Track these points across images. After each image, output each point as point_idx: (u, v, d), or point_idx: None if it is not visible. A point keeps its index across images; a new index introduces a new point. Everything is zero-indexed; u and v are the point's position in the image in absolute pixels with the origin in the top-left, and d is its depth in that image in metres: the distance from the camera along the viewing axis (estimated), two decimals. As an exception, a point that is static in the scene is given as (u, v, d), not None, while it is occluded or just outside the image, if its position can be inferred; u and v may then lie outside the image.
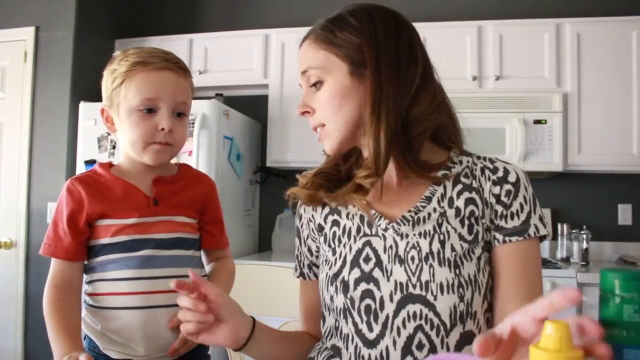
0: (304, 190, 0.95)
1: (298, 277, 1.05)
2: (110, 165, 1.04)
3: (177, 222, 1.02)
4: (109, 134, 2.74)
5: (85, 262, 1.00)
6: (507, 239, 0.85)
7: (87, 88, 2.99)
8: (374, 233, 0.89)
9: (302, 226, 1.03)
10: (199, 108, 2.64)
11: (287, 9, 3.32)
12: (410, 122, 0.85)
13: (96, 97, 2.92)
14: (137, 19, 3.48)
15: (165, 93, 0.96)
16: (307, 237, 1.02)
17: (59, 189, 2.99)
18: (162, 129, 0.96)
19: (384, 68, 0.84)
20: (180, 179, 1.06)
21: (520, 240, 0.85)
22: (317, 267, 1.01)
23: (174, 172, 1.08)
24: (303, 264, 1.03)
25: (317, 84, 0.87)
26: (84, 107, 2.81)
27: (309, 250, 1.02)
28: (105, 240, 0.97)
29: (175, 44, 3.18)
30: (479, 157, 0.93)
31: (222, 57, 3.12)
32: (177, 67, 0.99)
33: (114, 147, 2.73)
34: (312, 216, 1.00)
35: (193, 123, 2.60)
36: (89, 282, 1.00)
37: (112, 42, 3.28)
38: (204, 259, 1.12)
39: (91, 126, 2.77)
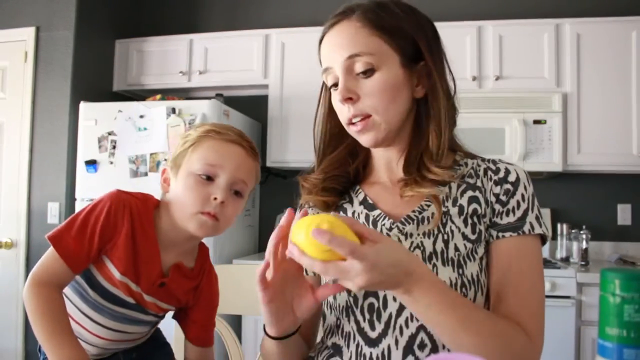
0: (319, 197, 0.94)
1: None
2: (156, 206, 0.98)
3: (162, 308, 1.00)
4: (109, 134, 2.74)
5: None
6: (500, 234, 0.85)
7: (88, 88, 2.99)
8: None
9: None
10: (199, 108, 2.64)
11: (287, 9, 3.33)
12: None
13: (96, 97, 2.94)
14: (137, 19, 3.48)
15: (227, 163, 0.92)
16: None
17: (59, 189, 2.99)
18: (215, 199, 0.91)
19: (438, 65, 0.87)
20: (195, 277, 1.02)
21: (514, 236, 0.84)
22: None
23: (193, 258, 1.02)
24: None
25: (368, 72, 0.83)
26: (84, 107, 2.81)
27: None
28: (102, 281, 0.94)
29: (175, 44, 3.19)
30: (483, 159, 0.93)
31: (222, 57, 3.12)
32: (248, 145, 0.96)
33: (114, 147, 2.73)
34: (318, 213, 0.99)
35: (193, 123, 2.60)
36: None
37: (112, 42, 3.28)
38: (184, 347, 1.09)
39: (91, 126, 2.77)
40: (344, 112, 0.87)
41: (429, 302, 0.72)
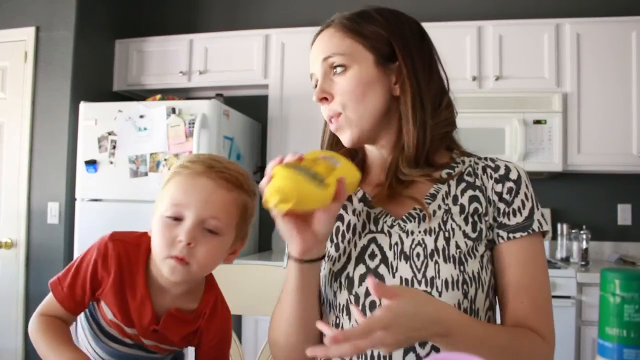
0: None
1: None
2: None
3: (163, 348, 0.95)
4: (109, 134, 2.74)
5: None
6: (511, 235, 0.86)
7: (88, 88, 2.99)
8: (379, 230, 0.90)
9: None
10: (199, 108, 2.64)
11: (287, 9, 3.33)
12: (435, 124, 0.89)
13: (96, 97, 2.95)
14: (137, 19, 3.48)
15: (192, 200, 0.84)
16: None
17: (59, 188, 2.99)
18: (180, 241, 0.83)
19: (416, 63, 0.87)
20: (194, 321, 0.93)
21: (525, 236, 0.86)
22: None
23: (198, 298, 0.94)
24: None
25: (339, 69, 0.87)
26: (84, 107, 2.81)
27: None
28: (100, 319, 0.92)
29: (175, 44, 3.19)
30: (479, 158, 0.94)
31: (222, 57, 3.12)
32: (219, 176, 0.85)
33: (114, 147, 2.73)
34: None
35: (193, 123, 2.60)
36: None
37: (112, 42, 3.28)
38: None
39: (91, 126, 2.77)
40: (323, 112, 0.91)
41: (465, 347, 0.73)
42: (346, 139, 0.89)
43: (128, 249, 0.91)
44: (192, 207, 0.84)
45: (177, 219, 0.85)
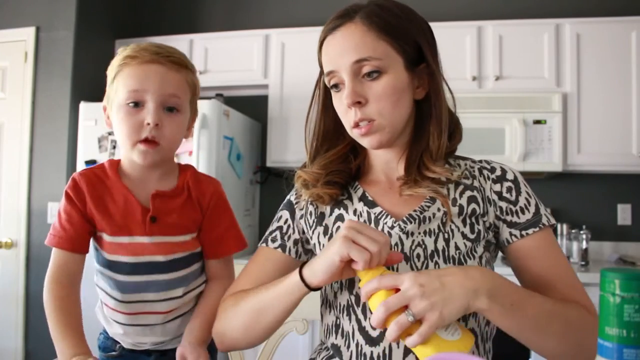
0: (325, 190, 0.93)
1: (276, 248, 0.98)
2: (118, 162, 1.00)
3: (175, 243, 0.98)
4: (110, 134, 2.74)
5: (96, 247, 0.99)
6: (524, 232, 0.87)
7: (88, 88, 2.99)
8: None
9: (297, 203, 1.00)
10: (199, 108, 2.63)
11: (287, 9, 3.33)
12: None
13: (96, 97, 2.94)
14: (137, 19, 3.49)
15: (150, 85, 0.91)
16: (302, 217, 0.99)
17: (59, 188, 2.98)
18: (148, 124, 0.91)
19: (438, 70, 0.89)
20: (181, 192, 0.99)
21: (537, 231, 0.87)
22: (304, 247, 0.99)
23: (175, 178, 1.01)
24: (288, 237, 0.99)
25: (374, 75, 0.84)
26: (84, 107, 2.81)
27: (302, 230, 0.99)
28: (108, 255, 0.96)
29: (176, 44, 3.16)
30: (474, 161, 0.95)
31: (222, 57, 3.12)
32: (167, 60, 0.94)
33: (114, 147, 2.73)
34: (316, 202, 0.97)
35: (193, 123, 2.61)
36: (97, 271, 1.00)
37: (112, 42, 3.28)
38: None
39: (91, 126, 2.77)
40: (349, 115, 0.87)
41: (512, 301, 0.73)
42: (374, 143, 0.87)
43: (93, 170, 0.99)
44: (151, 92, 0.91)
45: (138, 104, 0.91)
